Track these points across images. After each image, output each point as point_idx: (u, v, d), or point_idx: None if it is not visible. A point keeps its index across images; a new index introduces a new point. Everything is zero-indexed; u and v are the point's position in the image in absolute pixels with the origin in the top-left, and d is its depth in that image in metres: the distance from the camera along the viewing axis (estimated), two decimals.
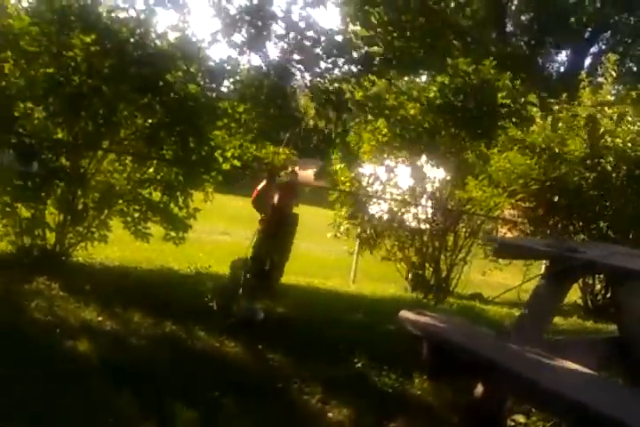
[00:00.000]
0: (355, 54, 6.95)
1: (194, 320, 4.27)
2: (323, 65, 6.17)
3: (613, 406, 2.35)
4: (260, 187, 5.58)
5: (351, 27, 6.53)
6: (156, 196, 5.99)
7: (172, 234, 5.97)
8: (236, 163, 6.36)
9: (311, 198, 20.97)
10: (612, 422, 2.28)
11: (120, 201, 5.84)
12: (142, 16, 5.67)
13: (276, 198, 5.35)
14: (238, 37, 6.27)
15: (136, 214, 5.91)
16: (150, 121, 5.80)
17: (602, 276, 7.22)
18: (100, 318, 4.13)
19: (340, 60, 6.27)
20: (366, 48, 6.95)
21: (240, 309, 4.52)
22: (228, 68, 6.20)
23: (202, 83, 6.00)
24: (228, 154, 6.31)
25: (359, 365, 3.92)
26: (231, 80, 6.51)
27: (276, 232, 5.25)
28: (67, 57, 5.36)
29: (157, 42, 5.79)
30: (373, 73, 6.85)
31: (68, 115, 5.53)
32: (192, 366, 3.53)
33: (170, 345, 3.84)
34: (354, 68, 6.83)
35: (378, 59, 6.95)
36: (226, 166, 6.28)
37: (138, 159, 5.96)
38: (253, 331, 4.22)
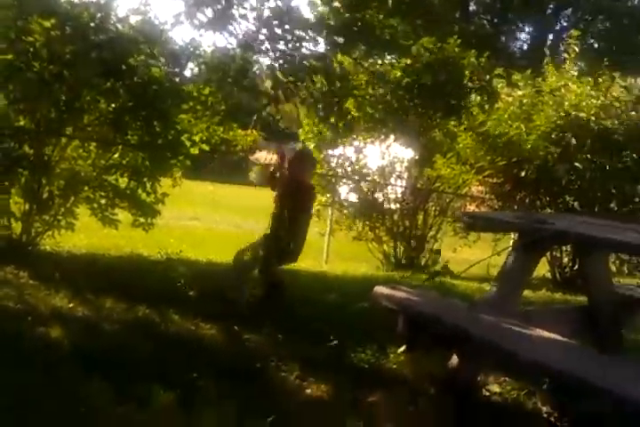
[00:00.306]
0: (321, 33, 6.90)
1: (166, 304, 4.24)
2: (289, 44, 6.10)
3: (590, 373, 2.40)
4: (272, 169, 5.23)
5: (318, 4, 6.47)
6: (123, 182, 5.91)
7: (141, 220, 5.90)
8: (205, 147, 6.29)
9: None
10: (588, 387, 2.33)
11: (86, 188, 5.75)
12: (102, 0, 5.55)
13: (288, 170, 4.76)
14: (202, 18, 6.20)
15: (103, 201, 5.82)
16: (114, 106, 5.70)
17: (569, 249, 7.37)
18: (70, 305, 4.08)
19: (307, 38, 6.21)
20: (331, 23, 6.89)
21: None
22: (192, 49, 6.12)
23: (165, 66, 5.91)
24: (196, 138, 6.23)
25: (335, 342, 3.94)
26: (195, 62, 6.44)
27: (292, 205, 4.58)
28: (26, 42, 5.22)
29: (119, 25, 5.67)
30: (341, 52, 6.83)
31: (30, 101, 5.40)
32: (167, 350, 3.50)
33: (143, 329, 3.81)
34: (320, 48, 6.79)
35: (344, 37, 6.91)
36: (194, 151, 6.21)
37: (102, 145, 5.87)
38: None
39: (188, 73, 6.63)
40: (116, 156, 5.90)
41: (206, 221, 11.03)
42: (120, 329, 3.82)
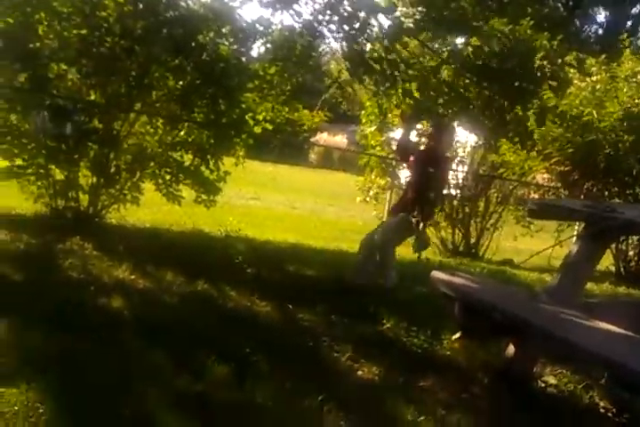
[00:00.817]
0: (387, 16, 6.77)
1: (225, 280, 4.31)
2: (356, 25, 6.02)
3: None
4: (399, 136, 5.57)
5: None
6: (188, 159, 6.01)
7: (203, 197, 6.00)
8: (268, 126, 6.33)
9: (340, 164, 20.91)
10: None
11: (152, 164, 5.88)
12: None
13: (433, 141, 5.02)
14: None
15: (167, 177, 5.94)
16: (181, 83, 5.77)
17: (635, 242, 7.12)
18: (132, 277, 4.19)
19: (373, 21, 6.11)
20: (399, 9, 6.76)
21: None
22: (260, 28, 6.12)
23: (234, 44, 5.93)
24: (260, 117, 6.27)
25: (388, 325, 3.92)
26: (262, 41, 6.43)
27: (424, 173, 4.75)
28: (99, 17, 5.34)
29: (190, 2, 5.73)
30: (406, 34, 6.69)
31: (101, 77, 5.53)
32: (223, 324, 3.56)
33: (201, 303, 3.89)
34: (386, 30, 6.67)
35: (411, 20, 6.76)
36: (257, 130, 6.25)
37: (169, 122, 5.97)
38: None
39: (254, 52, 6.65)
40: (182, 133, 6.01)
41: (266, 201, 11.13)
42: (179, 302, 3.91)
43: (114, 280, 4.10)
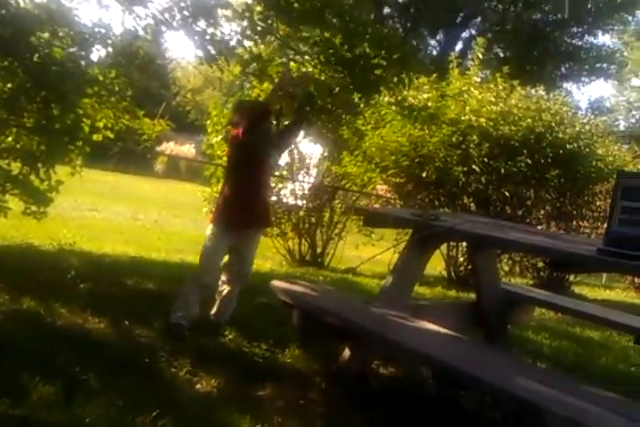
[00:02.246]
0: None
1: (56, 297, 4.05)
2: (201, 26, 5.89)
3: (464, 361, 2.49)
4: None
5: None
6: (16, 167, 5.59)
7: (33, 208, 5.60)
8: (109, 134, 6.06)
9: (187, 175, 20.52)
10: (464, 376, 2.42)
11: None
12: None
13: None
14: (107, 0, 5.92)
15: None
16: (10, 86, 5.39)
17: (464, 248, 7.66)
18: None
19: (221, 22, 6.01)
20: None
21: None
22: (100, 31, 5.86)
23: (71, 47, 5.63)
24: (100, 124, 6.00)
25: (229, 337, 3.89)
26: (103, 45, 6.16)
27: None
28: None
29: (20, 1, 5.37)
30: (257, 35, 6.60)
31: None
32: (51, 343, 3.34)
33: (27, 322, 3.62)
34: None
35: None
36: (97, 137, 5.97)
37: None
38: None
39: (94, 56, 6.35)
40: (10, 139, 5.58)
41: (105, 212, 10.65)
42: (1, 321, 3.61)
43: None
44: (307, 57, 6.36)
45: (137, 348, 3.56)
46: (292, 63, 6.23)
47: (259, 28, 6.19)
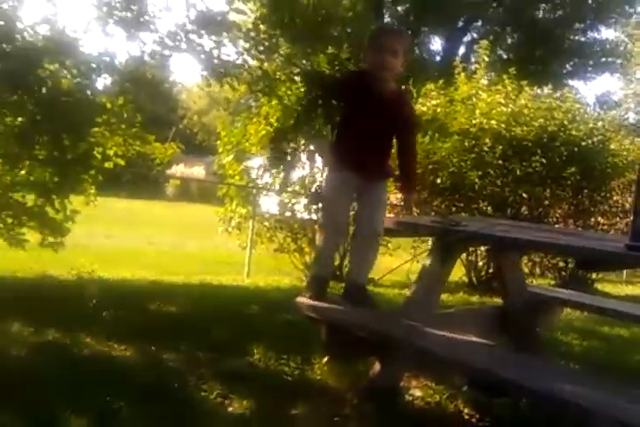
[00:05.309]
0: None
1: (79, 327, 4.04)
2: (207, 47, 5.91)
3: (507, 371, 2.43)
4: None
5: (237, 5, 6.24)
6: (30, 199, 5.63)
7: (50, 239, 5.62)
8: (120, 161, 6.09)
9: (199, 196, 20.60)
10: (506, 384, 2.36)
11: None
12: (8, 6, 5.28)
13: None
14: (112, 28, 5.97)
15: (9, 220, 5.51)
16: (20, 119, 5.43)
17: (484, 253, 7.59)
18: None
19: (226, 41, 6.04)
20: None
21: None
22: (106, 59, 5.91)
23: (78, 77, 5.68)
24: (111, 152, 6.03)
25: (257, 356, 3.85)
26: (109, 73, 6.21)
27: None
28: None
29: (26, 34, 5.43)
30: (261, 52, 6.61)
31: None
32: (78, 374, 3.31)
33: (53, 354, 3.60)
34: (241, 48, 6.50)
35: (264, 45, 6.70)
36: (108, 165, 6.00)
37: (8, 161, 5.57)
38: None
39: (101, 84, 6.40)
40: (23, 172, 5.62)
41: (121, 238, 10.70)
42: (27, 354, 3.60)
43: None
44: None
45: (165, 373, 3.52)
46: None
47: (263, 47, 6.24)
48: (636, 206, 2.66)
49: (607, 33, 34.64)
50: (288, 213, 8.39)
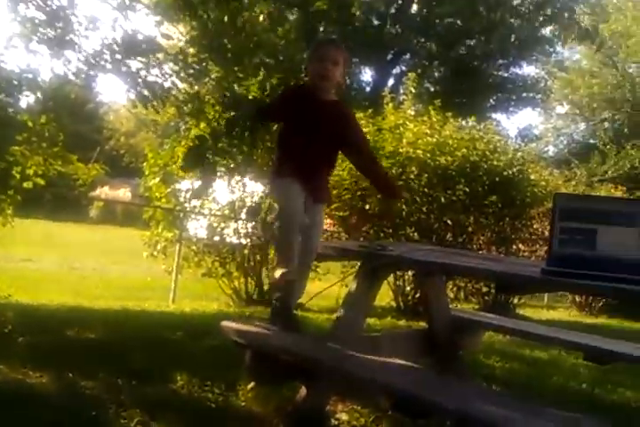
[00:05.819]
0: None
1: None
2: (134, 68, 5.83)
3: (430, 392, 2.47)
4: None
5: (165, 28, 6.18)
6: None
7: None
8: (40, 181, 5.90)
9: (124, 219, 20.12)
10: (430, 405, 2.39)
11: None
12: None
13: None
14: (35, 45, 5.82)
15: None
16: None
17: (411, 278, 7.72)
18: None
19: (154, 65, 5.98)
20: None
21: None
22: (28, 77, 5.73)
23: None
24: (30, 171, 5.83)
25: (180, 383, 3.75)
26: (31, 90, 6.03)
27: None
28: None
29: None
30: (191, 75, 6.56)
31: None
32: None
33: None
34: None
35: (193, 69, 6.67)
36: (28, 185, 5.79)
37: None
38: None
39: (24, 102, 6.20)
40: None
41: (40, 262, 10.30)
42: None
43: None
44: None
45: (82, 401, 3.38)
46: None
47: (192, 71, 6.22)
48: (552, 233, 2.78)
49: (529, 69, 36.41)
50: (217, 238, 8.30)
